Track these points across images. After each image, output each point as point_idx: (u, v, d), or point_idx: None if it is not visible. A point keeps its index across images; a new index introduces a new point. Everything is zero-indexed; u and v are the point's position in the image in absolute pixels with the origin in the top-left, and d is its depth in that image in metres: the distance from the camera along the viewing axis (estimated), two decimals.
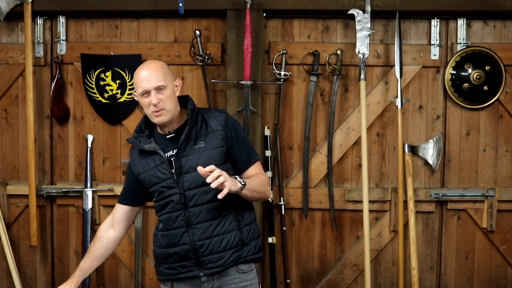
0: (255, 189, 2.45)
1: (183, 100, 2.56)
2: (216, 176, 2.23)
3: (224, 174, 2.26)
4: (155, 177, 2.48)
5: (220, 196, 2.25)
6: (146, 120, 2.58)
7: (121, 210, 2.64)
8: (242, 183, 2.34)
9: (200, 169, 2.26)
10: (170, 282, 2.55)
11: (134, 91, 2.53)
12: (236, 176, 2.37)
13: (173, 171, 2.45)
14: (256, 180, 2.48)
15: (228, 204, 2.45)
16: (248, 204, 2.55)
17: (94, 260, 2.62)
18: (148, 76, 2.44)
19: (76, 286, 2.54)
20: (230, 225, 2.47)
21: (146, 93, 2.43)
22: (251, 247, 2.53)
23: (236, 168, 2.51)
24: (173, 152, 2.47)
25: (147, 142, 2.51)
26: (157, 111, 2.43)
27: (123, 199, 2.64)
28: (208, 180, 2.23)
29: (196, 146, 2.46)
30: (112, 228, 2.63)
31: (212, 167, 2.26)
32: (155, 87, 2.42)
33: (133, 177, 2.57)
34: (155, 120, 2.46)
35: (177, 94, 2.52)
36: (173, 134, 2.50)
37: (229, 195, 2.33)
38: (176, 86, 2.52)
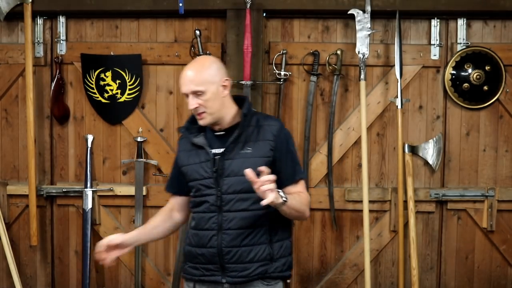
0: (294, 207, 2.34)
1: (240, 100, 2.49)
2: (265, 180, 2.14)
3: (269, 177, 2.16)
4: (197, 173, 2.42)
5: (264, 202, 2.15)
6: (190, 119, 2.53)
7: (178, 201, 2.59)
8: (284, 198, 2.24)
9: (248, 172, 2.16)
10: (193, 283, 2.48)
11: None
12: (279, 191, 2.24)
13: (215, 172, 2.39)
14: (297, 198, 2.37)
15: (263, 216, 2.38)
16: (284, 220, 2.45)
17: (154, 229, 2.58)
18: (186, 80, 2.38)
19: (128, 239, 2.49)
20: (262, 237, 2.39)
21: (186, 95, 2.39)
22: (279, 264, 2.44)
23: (279, 181, 2.31)
24: (219, 150, 2.41)
25: (197, 135, 2.45)
26: (198, 114, 2.38)
27: (173, 188, 2.60)
28: (256, 185, 2.15)
29: (243, 151, 2.38)
30: (176, 212, 2.60)
31: (266, 170, 2.17)
32: (191, 91, 2.37)
33: (178, 167, 2.52)
34: (199, 121, 2.41)
35: (225, 93, 2.42)
36: (223, 132, 2.44)
37: (267, 207, 2.25)
38: (224, 86, 2.42)
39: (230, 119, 2.44)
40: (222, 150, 2.39)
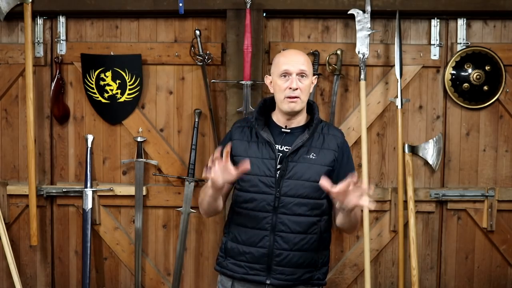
0: (356, 217, 2.39)
1: (309, 105, 2.49)
2: (358, 188, 2.15)
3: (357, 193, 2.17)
4: (258, 168, 2.37)
5: (367, 204, 2.16)
6: (263, 105, 2.49)
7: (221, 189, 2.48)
8: None
9: (323, 183, 2.16)
10: (231, 279, 2.47)
11: (267, 75, 2.47)
12: None
13: (278, 171, 2.36)
14: (358, 213, 2.42)
15: (316, 224, 2.40)
16: (330, 231, 2.49)
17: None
18: (295, 59, 2.38)
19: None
20: (313, 244, 2.41)
21: (287, 74, 2.36)
22: (322, 272, 2.49)
23: None
24: (282, 148, 2.39)
25: (263, 128, 2.42)
26: (292, 97, 2.35)
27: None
28: (362, 202, 2.17)
29: (308, 156, 2.38)
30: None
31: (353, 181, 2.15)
32: (298, 70, 2.36)
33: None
34: (286, 106, 2.38)
35: (311, 90, 2.46)
36: (289, 130, 2.42)
37: (318, 214, 2.34)
38: (313, 82, 2.46)
39: (301, 119, 2.45)
40: (285, 148, 2.39)
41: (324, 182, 2.17)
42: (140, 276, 3.88)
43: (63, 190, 3.90)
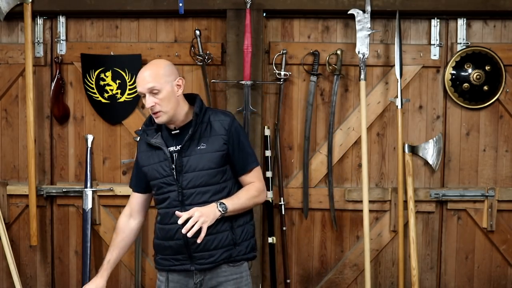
0: (241, 207, 2.54)
1: (193, 99, 2.63)
2: (190, 227, 2.34)
3: (198, 215, 2.36)
4: (157, 172, 2.56)
5: (199, 240, 2.38)
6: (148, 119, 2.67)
7: (137, 199, 2.73)
8: (222, 211, 2.44)
9: (178, 214, 2.39)
10: (165, 272, 2.65)
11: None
12: (217, 203, 2.45)
13: (174, 169, 2.53)
14: (244, 195, 2.55)
15: None
16: None
17: (120, 251, 2.73)
18: (142, 79, 2.50)
19: (106, 278, 2.74)
20: (223, 225, 2.53)
21: (143, 95, 2.52)
22: (242, 247, 2.60)
23: (233, 172, 2.59)
24: (176, 148, 2.55)
25: (154, 136, 2.58)
26: (155, 113, 2.51)
27: (136, 187, 2.73)
28: (183, 231, 2.35)
29: (198, 147, 2.53)
30: (132, 218, 2.73)
31: (190, 213, 2.36)
32: (147, 89, 2.49)
33: (139, 167, 2.67)
34: (155, 120, 2.55)
35: (179, 93, 2.56)
36: (177, 131, 2.57)
37: (223, 197, 2.50)
38: (178, 85, 2.57)
39: (184, 117, 2.57)
40: (178, 147, 2.54)
41: (178, 213, 2.38)
42: (140, 276, 3.88)
43: (63, 190, 3.90)
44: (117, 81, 3.85)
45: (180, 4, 3.66)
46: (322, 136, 3.86)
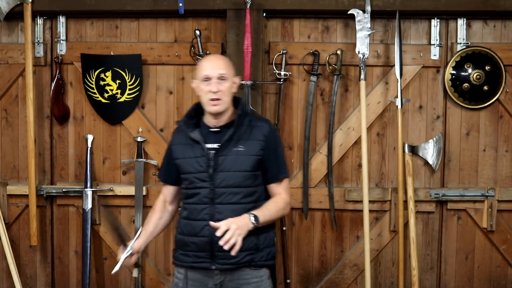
0: (270, 219, 2.61)
1: (235, 101, 2.68)
2: (228, 239, 2.38)
3: (234, 227, 2.40)
4: (192, 166, 2.60)
5: (233, 253, 2.40)
6: (196, 108, 2.69)
7: (169, 190, 2.78)
8: (254, 223, 2.49)
9: (212, 224, 2.43)
10: (184, 269, 2.67)
11: (193, 79, 2.68)
12: (250, 215, 2.49)
13: (209, 166, 2.56)
14: (272, 209, 2.61)
15: (251, 209, 2.56)
16: None
17: (156, 228, 2.80)
18: (214, 64, 2.59)
19: (142, 244, 2.74)
20: (250, 230, 2.53)
21: (208, 79, 2.57)
22: (264, 253, 2.65)
23: (264, 178, 2.67)
24: (213, 145, 2.58)
25: (193, 130, 2.62)
26: (214, 100, 2.55)
27: (167, 178, 2.77)
28: (221, 243, 2.39)
29: (236, 149, 2.59)
30: (167, 203, 2.81)
31: (227, 225, 2.40)
32: (218, 75, 2.56)
33: (171, 158, 2.70)
34: (210, 108, 2.58)
35: (234, 90, 2.66)
36: (217, 129, 2.62)
37: (252, 201, 2.57)
38: (234, 83, 2.65)
39: (228, 117, 2.64)
40: (216, 146, 2.57)
41: (213, 224, 2.43)
42: (140, 276, 3.88)
43: (63, 190, 3.90)
44: (117, 81, 3.85)
45: (180, 4, 3.66)
46: (322, 136, 3.86)
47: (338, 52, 3.75)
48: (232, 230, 2.39)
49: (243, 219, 2.47)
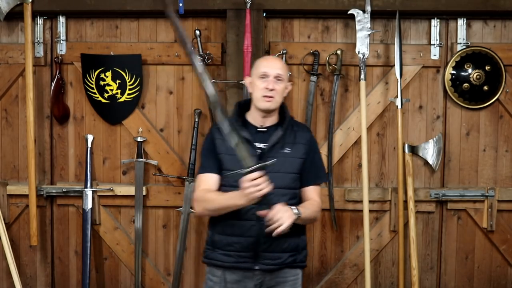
0: (308, 218, 2.62)
1: (280, 106, 2.72)
2: (276, 227, 2.41)
3: (280, 215, 2.42)
4: (239, 164, 2.51)
5: (279, 230, 2.41)
6: (239, 108, 2.71)
7: (214, 179, 2.66)
8: (297, 214, 2.50)
9: (261, 213, 2.44)
10: (221, 271, 2.65)
11: (248, 76, 2.75)
12: (293, 208, 2.51)
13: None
14: (310, 209, 2.64)
15: None
16: None
17: None
18: (273, 64, 2.67)
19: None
20: (294, 231, 2.56)
21: (266, 76, 2.62)
22: (302, 255, 2.73)
23: (301, 180, 2.69)
24: (258, 145, 2.63)
25: (242, 129, 2.63)
26: (268, 96, 2.60)
27: (213, 169, 2.66)
28: (268, 229, 2.42)
29: (283, 151, 2.63)
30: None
31: (275, 214, 2.42)
32: (275, 74, 2.63)
33: (215, 152, 2.66)
34: (262, 104, 2.62)
35: (284, 95, 2.71)
36: (265, 129, 2.65)
37: (296, 202, 2.61)
38: (287, 88, 2.72)
39: (274, 118, 2.70)
40: (263, 146, 2.62)
41: (261, 213, 2.44)
42: (140, 276, 3.88)
43: (63, 190, 3.90)
44: (117, 81, 3.85)
45: (180, 4, 3.66)
46: (322, 136, 3.86)
47: (338, 52, 3.75)
48: (281, 219, 2.41)
49: (288, 210, 2.47)
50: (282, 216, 2.42)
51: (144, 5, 3.75)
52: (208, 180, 2.67)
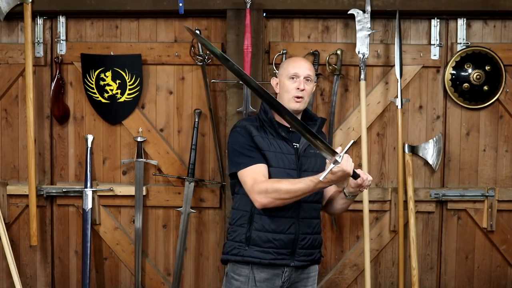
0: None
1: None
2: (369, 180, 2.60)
3: (366, 174, 2.63)
4: (282, 161, 2.62)
5: (370, 180, 2.60)
6: (264, 111, 2.70)
7: (267, 169, 2.60)
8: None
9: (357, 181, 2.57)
10: (250, 265, 2.61)
11: (274, 78, 2.78)
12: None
13: (299, 164, 2.65)
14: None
15: (320, 208, 2.75)
16: None
17: None
18: (303, 65, 2.71)
19: None
20: (319, 227, 2.74)
21: (296, 77, 2.67)
22: (320, 252, 2.80)
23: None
24: (296, 145, 2.67)
25: (281, 130, 2.67)
26: (298, 97, 2.65)
27: (262, 160, 2.60)
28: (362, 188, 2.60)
29: (312, 150, 2.68)
30: None
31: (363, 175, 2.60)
32: (306, 75, 2.68)
33: (257, 148, 2.61)
34: (293, 105, 2.65)
35: (310, 96, 2.77)
36: (293, 129, 2.64)
37: (323, 199, 2.75)
38: (312, 89, 2.76)
39: (300, 118, 2.71)
40: (295, 145, 2.67)
41: (362, 174, 2.57)
42: (140, 276, 3.88)
43: (63, 190, 3.90)
44: (117, 81, 3.85)
45: (180, 4, 3.66)
46: None
47: (338, 52, 3.75)
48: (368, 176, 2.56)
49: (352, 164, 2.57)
50: (365, 172, 2.60)
51: (144, 5, 3.75)
52: (263, 170, 2.59)
